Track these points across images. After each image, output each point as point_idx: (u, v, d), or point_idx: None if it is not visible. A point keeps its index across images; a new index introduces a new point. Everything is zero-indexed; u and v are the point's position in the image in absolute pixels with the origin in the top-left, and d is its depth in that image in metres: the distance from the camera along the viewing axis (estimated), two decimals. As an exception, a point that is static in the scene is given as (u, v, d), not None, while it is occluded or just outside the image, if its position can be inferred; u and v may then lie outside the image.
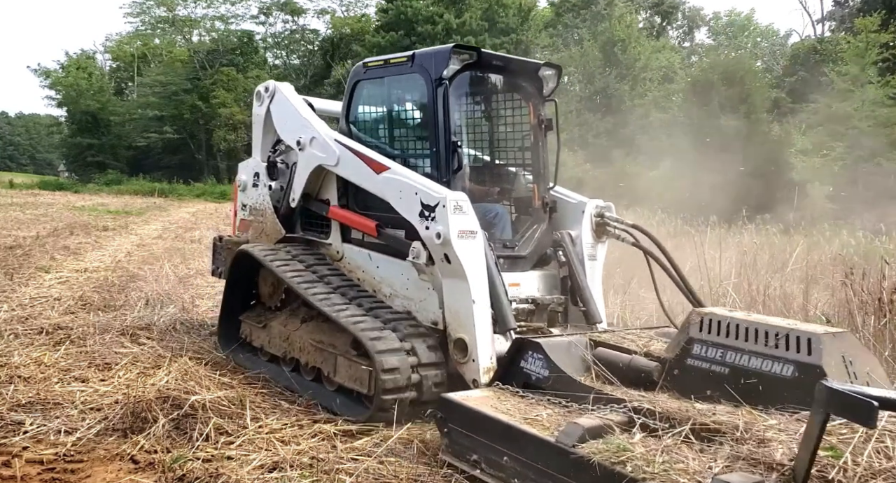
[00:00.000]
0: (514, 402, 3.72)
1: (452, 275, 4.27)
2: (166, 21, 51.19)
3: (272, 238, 5.82)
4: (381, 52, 37.36)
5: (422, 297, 4.65)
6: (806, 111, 22.72)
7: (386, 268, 4.94)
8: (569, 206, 5.34)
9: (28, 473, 3.53)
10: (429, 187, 4.36)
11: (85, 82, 46.79)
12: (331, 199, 5.41)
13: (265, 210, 5.89)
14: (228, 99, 43.76)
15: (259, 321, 5.59)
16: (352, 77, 5.38)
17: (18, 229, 14.65)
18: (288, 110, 5.69)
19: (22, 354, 5.43)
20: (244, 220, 6.20)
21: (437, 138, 4.69)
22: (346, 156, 4.97)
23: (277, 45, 54.22)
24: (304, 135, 5.36)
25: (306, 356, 4.97)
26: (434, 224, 4.23)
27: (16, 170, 68.22)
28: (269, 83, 5.98)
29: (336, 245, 5.41)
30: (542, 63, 5.23)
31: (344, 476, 3.57)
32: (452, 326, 4.35)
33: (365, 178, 4.82)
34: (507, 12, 36.80)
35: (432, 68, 4.69)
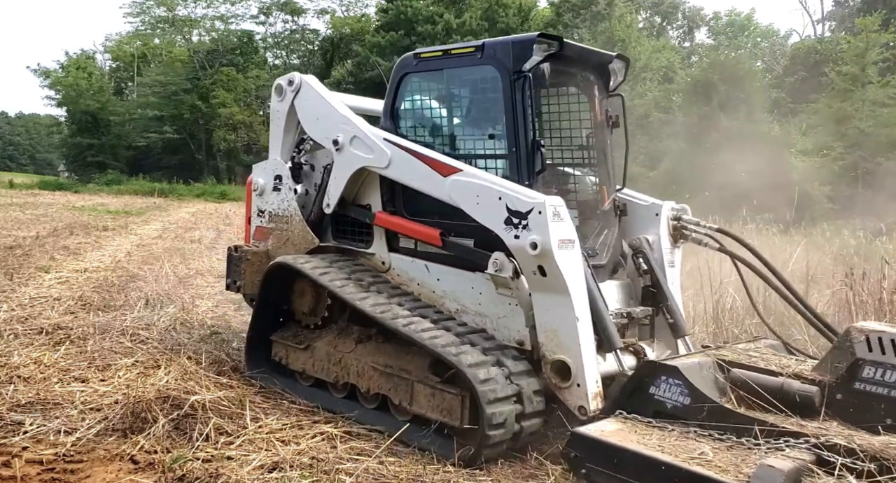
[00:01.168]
0: (657, 435, 3.34)
1: (548, 289, 3.85)
2: (166, 21, 51.20)
3: (300, 247, 5.26)
4: (381, 52, 37.45)
5: (501, 313, 4.21)
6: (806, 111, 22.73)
7: (450, 281, 4.49)
8: (640, 208, 4.97)
9: (28, 473, 3.53)
10: (517, 191, 3.91)
11: (85, 82, 46.78)
12: (372, 204, 4.92)
13: (291, 217, 5.37)
14: (228, 99, 43.78)
15: (298, 342, 5.00)
16: (398, 70, 4.85)
17: (18, 229, 14.65)
18: (319, 106, 5.15)
19: (22, 354, 5.43)
20: (261, 228, 5.63)
21: (516, 137, 4.23)
22: (401, 157, 4.50)
23: (277, 45, 54.26)
24: (343, 133, 4.85)
25: (367, 382, 4.46)
26: (527, 233, 3.78)
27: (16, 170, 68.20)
28: (293, 75, 5.38)
29: (381, 255, 4.92)
30: (615, 55, 4.84)
31: (344, 476, 3.57)
32: (548, 347, 3.90)
33: (427, 181, 4.35)
34: (507, 12, 36.85)
35: (509, 59, 4.23)
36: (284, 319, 5.27)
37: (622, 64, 4.82)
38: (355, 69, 39.42)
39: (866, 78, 20.79)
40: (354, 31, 44.77)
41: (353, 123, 4.85)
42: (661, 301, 4.65)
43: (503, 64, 4.28)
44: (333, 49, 46.93)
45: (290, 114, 5.38)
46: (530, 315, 4.02)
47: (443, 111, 4.92)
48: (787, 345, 4.77)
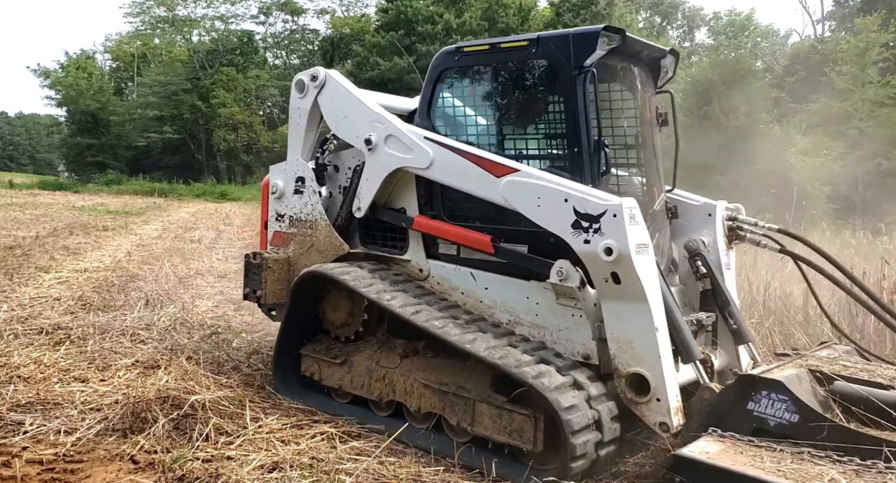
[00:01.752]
0: (769, 456, 3.08)
1: (623, 297, 3.58)
2: (166, 21, 51.25)
3: (326, 254, 4.92)
4: (381, 52, 37.44)
5: (562, 325, 3.94)
6: (806, 111, 22.73)
7: (500, 290, 4.21)
8: (692, 209, 4.72)
9: (28, 473, 3.53)
10: (587, 193, 3.64)
11: (85, 82, 46.80)
12: (407, 207, 4.63)
13: (315, 221, 5.02)
14: (228, 99, 43.79)
15: (332, 356, 4.70)
16: (437, 65, 4.55)
17: (18, 229, 14.64)
18: (347, 103, 4.81)
19: (22, 354, 5.43)
20: (281, 233, 5.26)
21: (578, 136, 3.95)
22: (446, 157, 4.20)
23: (277, 45, 54.30)
24: (376, 132, 4.54)
25: (417, 400, 4.18)
26: (600, 237, 3.52)
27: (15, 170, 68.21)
28: (316, 70, 5.00)
29: (418, 262, 4.63)
30: (668, 50, 4.57)
31: (344, 476, 3.57)
32: (622, 359, 3.64)
33: (476, 182, 4.06)
34: (507, 12, 36.84)
35: (570, 54, 3.95)
36: (313, 332, 4.97)
37: (672, 59, 4.57)
38: (355, 69, 39.39)
39: (866, 78, 20.79)
40: (354, 31, 44.78)
41: (388, 121, 4.53)
42: (722, 306, 4.40)
43: (562, 58, 3.98)
44: (333, 49, 46.95)
45: (313, 111, 5.04)
46: (597, 326, 3.78)
47: (488, 109, 4.61)
48: (863, 350, 4.58)
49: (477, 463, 3.81)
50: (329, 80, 4.94)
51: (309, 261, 4.99)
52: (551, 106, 4.22)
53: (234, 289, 9.03)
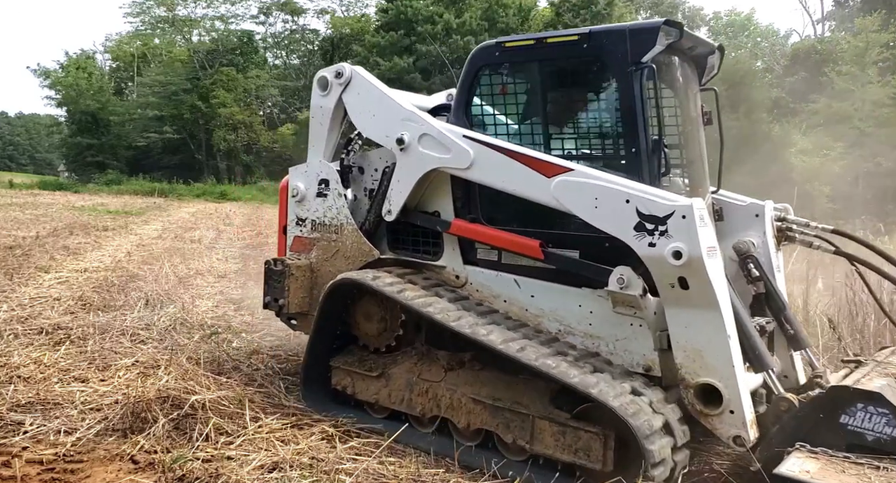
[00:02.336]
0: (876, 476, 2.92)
1: (691, 304, 3.39)
2: (166, 21, 51.24)
3: (353, 260, 4.70)
4: (381, 52, 37.45)
5: (619, 335, 3.75)
6: (806, 111, 22.74)
7: (549, 298, 4.01)
8: (738, 210, 4.50)
9: (28, 473, 3.53)
10: (651, 193, 3.45)
11: (85, 82, 46.80)
12: (442, 210, 4.42)
13: (341, 226, 4.79)
14: (228, 99, 43.79)
15: (367, 369, 4.44)
16: (475, 61, 4.33)
17: (18, 229, 14.64)
18: (377, 100, 4.59)
19: (22, 354, 5.42)
20: (302, 238, 5.02)
21: (635, 135, 3.74)
22: (489, 156, 3.98)
23: (277, 45, 54.31)
24: (409, 131, 4.31)
25: (465, 416, 3.95)
26: (666, 240, 3.32)
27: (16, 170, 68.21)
28: (341, 67, 4.76)
29: (454, 268, 4.41)
30: (717, 45, 4.35)
31: (344, 476, 3.57)
32: (690, 369, 3.46)
33: (524, 183, 3.83)
34: (507, 12, 36.85)
35: (627, 49, 3.74)
36: (343, 342, 4.73)
37: (719, 55, 4.37)
38: (355, 69, 39.33)
39: (866, 78, 20.81)
40: (354, 31, 44.77)
41: (422, 119, 4.31)
42: (777, 310, 4.17)
43: (617, 54, 3.76)
44: (333, 49, 46.91)
45: (337, 110, 4.82)
46: (659, 336, 3.60)
47: (532, 107, 4.37)
48: None
49: (477, 463, 3.80)
50: (355, 76, 4.72)
51: (334, 267, 4.77)
52: (604, 103, 4.04)
53: (234, 289, 9.04)
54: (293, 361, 5.77)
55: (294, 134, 43.36)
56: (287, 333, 6.58)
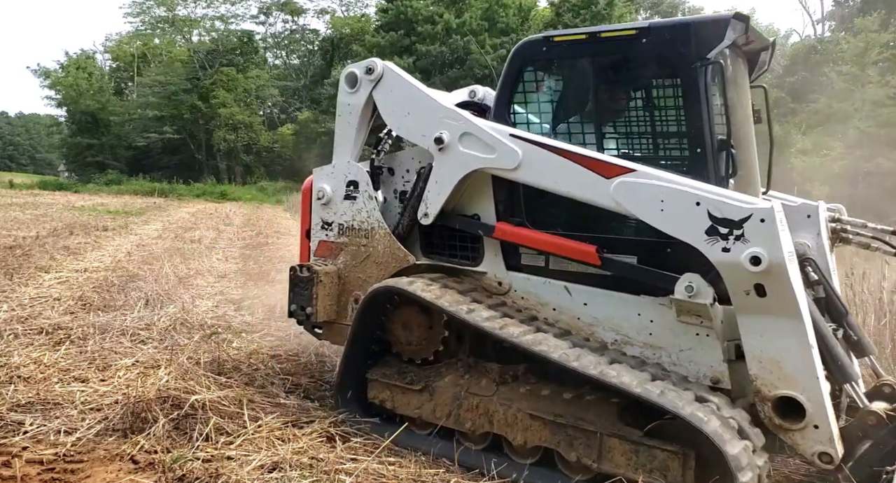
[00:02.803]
0: None
1: (769, 312, 3.20)
2: (166, 21, 51.28)
3: (386, 266, 4.47)
4: (381, 53, 37.42)
5: (683, 345, 3.56)
6: (806, 111, 22.75)
7: (604, 306, 3.81)
8: (789, 211, 4.12)
9: (28, 473, 3.53)
10: (724, 195, 3.26)
11: (85, 82, 46.88)
12: (482, 213, 4.21)
13: (372, 230, 4.54)
14: (228, 99, 43.83)
15: (408, 382, 4.18)
16: (520, 56, 4.11)
17: (18, 229, 14.64)
18: (411, 98, 4.35)
19: (22, 354, 5.43)
20: (328, 243, 4.77)
21: (701, 135, 3.54)
22: (540, 157, 3.75)
23: (277, 45, 54.38)
24: (449, 130, 4.08)
25: (522, 433, 3.72)
26: (743, 245, 3.13)
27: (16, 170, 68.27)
28: (372, 62, 4.50)
29: (496, 274, 4.20)
30: (771, 40, 4.14)
31: (344, 476, 3.57)
32: (767, 382, 3.27)
33: (580, 184, 3.63)
34: (507, 12, 36.86)
35: (692, 44, 3.55)
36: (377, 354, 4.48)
37: (770, 51, 4.15)
38: (355, 69, 39.37)
39: (866, 78, 20.82)
40: (354, 31, 44.79)
41: (463, 117, 4.08)
42: (839, 316, 3.96)
43: (681, 49, 3.56)
44: (333, 49, 46.94)
45: (366, 108, 4.57)
46: (728, 346, 3.44)
47: (583, 105, 4.12)
48: None
49: (477, 463, 3.80)
50: (388, 72, 4.46)
51: (364, 273, 4.57)
52: (664, 101, 3.82)
53: (234, 289, 9.04)
54: (293, 361, 5.77)
55: (294, 134, 43.40)
56: (287, 333, 6.59)
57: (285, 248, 14.27)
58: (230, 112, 43.26)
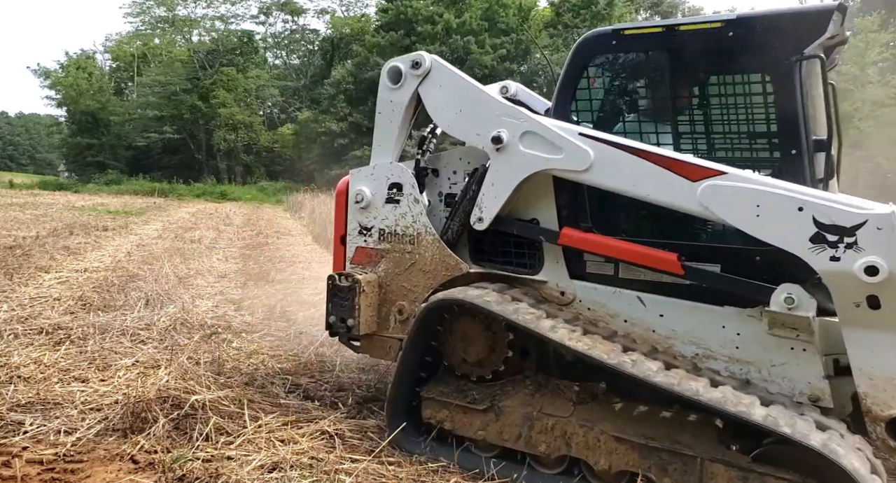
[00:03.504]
0: None
1: (882, 325, 2.99)
2: (166, 21, 51.32)
3: (435, 274, 4.18)
4: (381, 52, 37.44)
5: (776, 360, 3.34)
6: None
7: (683, 317, 3.56)
8: None
9: (28, 473, 3.54)
10: (830, 199, 3.04)
11: (85, 82, 46.93)
12: (541, 217, 3.94)
13: (419, 235, 4.24)
14: (228, 99, 43.88)
15: (469, 400, 3.87)
16: (584, 50, 3.85)
17: (18, 229, 14.65)
18: (464, 94, 4.04)
19: (22, 354, 5.43)
20: (367, 250, 4.46)
21: (797, 135, 3.31)
22: (615, 158, 3.50)
23: (277, 45, 54.44)
24: (508, 128, 3.81)
25: (606, 458, 3.46)
26: (856, 253, 2.93)
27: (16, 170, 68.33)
28: (420, 56, 4.19)
29: (558, 283, 3.92)
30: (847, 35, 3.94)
31: (344, 476, 3.57)
32: (877, 400, 3.06)
33: (662, 187, 3.39)
34: (507, 12, 36.88)
35: (787, 38, 3.31)
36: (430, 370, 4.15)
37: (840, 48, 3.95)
38: (355, 69, 39.42)
39: (866, 78, 20.83)
40: (354, 31, 44.81)
41: (524, 115, 3.81)
42: None
43: (775, 43, 3.32)
44: (333, 49, 46.97)
45: (410, 105, 4.29)
46: (828, 362, 3.25)
47: (658, 103, 3.89)
48: None
49: (476, 464, 3.79)
50: (436, 66, 4.17)
51: (409, 282, 4.28)
52: (753, 99, 3.56)
53: (234, 289, 9.05)
54: (293, 361, 5.78)
55: (294, 134, 43.42)
56: (287, 333, 6.60)
57: (285, 248, 14.28)
58: (230, 112, 43.31)
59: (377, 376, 5.34)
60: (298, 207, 25.60)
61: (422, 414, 4.02)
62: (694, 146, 3.72)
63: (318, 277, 10.30)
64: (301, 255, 13.21)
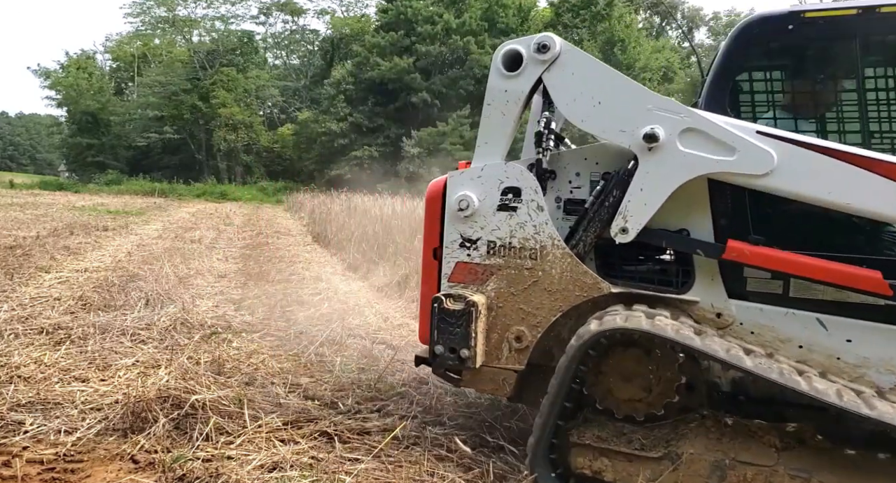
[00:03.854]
0: None
1: None
2: (166, 21, 51.36)
3: (565, 295, 3.55)
4: (381, 53, 37.50)
5: None
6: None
7: (878, 343, 3.13)
8: None
9: (28, 473, 3.54)
10: None
11: (85, 82, 46.98)
12: (692, 228, 3.44)
13: (542, 248, 3.60)
14: (228, 99, 43.92)
15: (636, 446, 3.29)
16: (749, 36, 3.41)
17: (18, 229, 14.65)
18: (605, 82, 3.45)
19: (22, 354, 5.43)
20: (470, 265, 3.75)
21: None
22: (806, 160, 3.06)
23: (277, 45, 54.47)
24: (664, 124, 3.30)
25: None
26: None
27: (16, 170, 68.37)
28: (547, 38, 3.52)
29: (713, 303, 3.41)
30: None
31: (344, 476, 3.57)
32: None
33: (868, 194, 2.97)
34: (506, 12, 36.92)
35: None
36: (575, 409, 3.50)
37: None
38: (355, 69, 39.44)
39: (866, 78, 20.84)
40: (354, 31, 44.85)
41: (685, 109, 3.34)
42: None
43: None
44: (333, 49, 47.00)
45: (527, 96, 3.69)
46: None
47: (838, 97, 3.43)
48: None
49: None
50: (567, 51, 3.54)
51: (529, 304, 3.63)
52: None
53: (234, 289, 9.05)
54: (293, 361, 5.78)
55: (294, 134, 43.44)
56: (287, 333, 6.60)
57: (285, 248, 14.29)
58: (230, 112, 43.36)
59: (377, 376, 5.34)
60: (298, 207, 25.62)
61: (571, 462, 3.40)
62: (893, 146, 3.25)
63: (318, 277, 10.32)
64: (301, 255, 13.22)
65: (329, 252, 13.80)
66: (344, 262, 12.07)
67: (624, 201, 3.43)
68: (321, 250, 14.21)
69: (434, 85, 36.69)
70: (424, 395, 4.87)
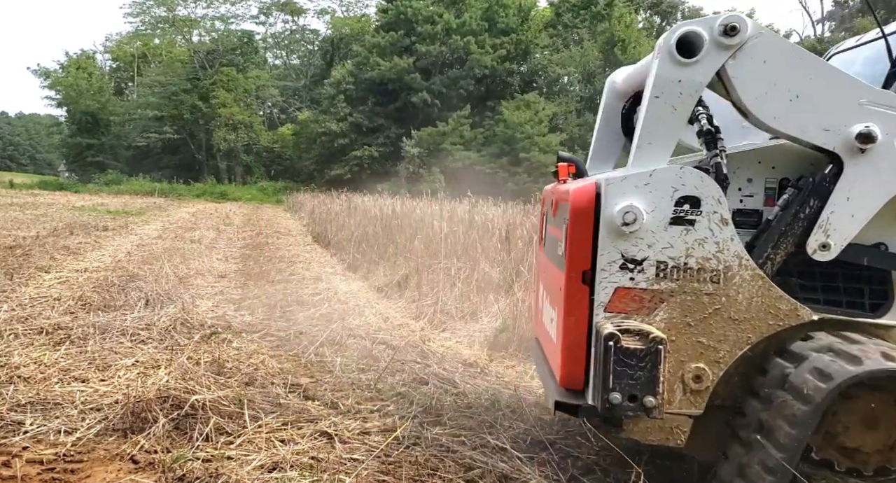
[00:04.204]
0: None
1: None
2: (166, 21, 51.38)
3: (756, 325, 3.02)
4: (381, 52, 37.51)
5: None
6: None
7: None
8: None
9: (28, 473, 3.54)
10: None
11: (85, 82, 46.98)
12: (890, 242, 3.08)
13: (728, 270, 3.02)
14: (228, 99, 43.93)
15: None
16: None
17: (18, 229, 14.65)
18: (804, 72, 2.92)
19: (22, 354, 5.43)
20: (633, 291, 3.08)
21: None
22: None
23: (277, 45, 54.48)
24: (882, 121, 2.86)
25: None
26: None
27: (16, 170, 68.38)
28: (735, 18, 2.91)
29: None
30: None
31: (344, 476, 3.57)
32: None
33: None
34: (507, 12, 36.94)
35: None
36: None
37: None
38: (355, 69, 39.46)
39: None
40: (354, 31, 44.88)
41: None
42: None
43: None
44: (333, 49, 47.00)
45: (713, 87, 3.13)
46: None
47: None
48: None
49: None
50: (758, 35, 2.94)
51: (709, 336, 3.06)
52: None
53: (234, 289, 9.05)
54: (293, 361, 5.78)
55: (294, 134, 43.45)
56: (287, 333, 6.60)
57: (285, 248, 14.29)
58: (230, 112, 43.38)
59: (377, 376, 5.34)
60: (298, 207, 25.62)
61: None
62: None
63: (318, 277, 10.32)
64: (301, 255, 13.22)
65: (329, 252, 13.81)
66: (344, 263, 12.08)
67: (825, 212, 2.98)
68: (321, 250, 14.21)
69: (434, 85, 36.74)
70: (424, 395, 4.87)
